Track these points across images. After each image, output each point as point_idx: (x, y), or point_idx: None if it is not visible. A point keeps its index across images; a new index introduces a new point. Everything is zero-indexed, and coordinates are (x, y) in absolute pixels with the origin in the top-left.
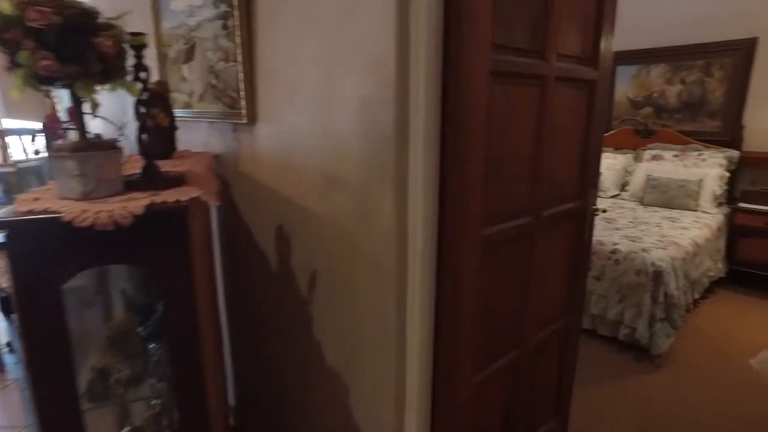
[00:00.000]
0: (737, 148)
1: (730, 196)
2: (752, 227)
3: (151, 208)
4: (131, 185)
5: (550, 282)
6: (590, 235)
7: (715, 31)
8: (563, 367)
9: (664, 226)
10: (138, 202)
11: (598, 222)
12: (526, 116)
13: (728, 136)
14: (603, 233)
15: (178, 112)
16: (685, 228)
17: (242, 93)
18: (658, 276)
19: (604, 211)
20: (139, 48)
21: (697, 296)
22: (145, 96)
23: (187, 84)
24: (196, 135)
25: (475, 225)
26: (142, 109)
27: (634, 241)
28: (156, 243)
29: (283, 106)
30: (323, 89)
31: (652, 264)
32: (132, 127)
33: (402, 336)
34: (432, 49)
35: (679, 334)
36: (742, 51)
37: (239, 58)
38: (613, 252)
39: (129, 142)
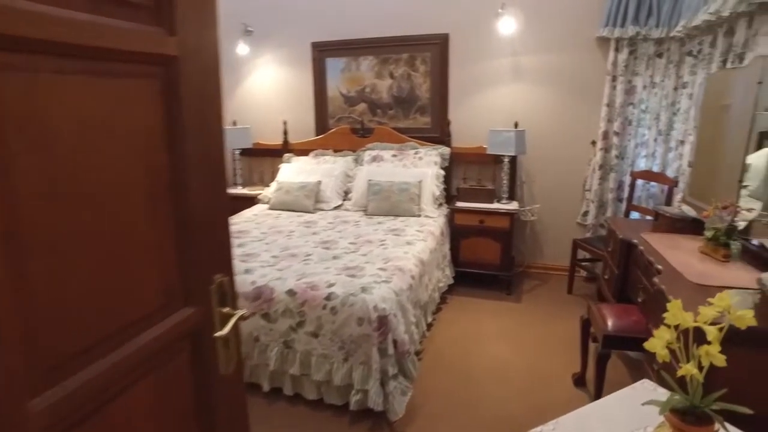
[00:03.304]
0: (447, 144)
1: (448, 195)
2: (469, 227)
3: None
4: None
5: None
6: (238, 361)
7: (416, 25)
8: None
9: (389, 243)
10: None
11: (314, 250)
12: None
13: (438, 132)
14: (317, 268)
15: None
16: (409, 243)
17: None
18: (383, 322)
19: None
20: None
21: (430, 319)
22: None
23: None
24: None
25: None
26: None
27: (353, 276)
28: None
29: None
30: None
31: (375, 308)
32: None
33: None
34: None
35: (416, 382)
36: (439, 45)
37: None
38: (329, 297)
39: None
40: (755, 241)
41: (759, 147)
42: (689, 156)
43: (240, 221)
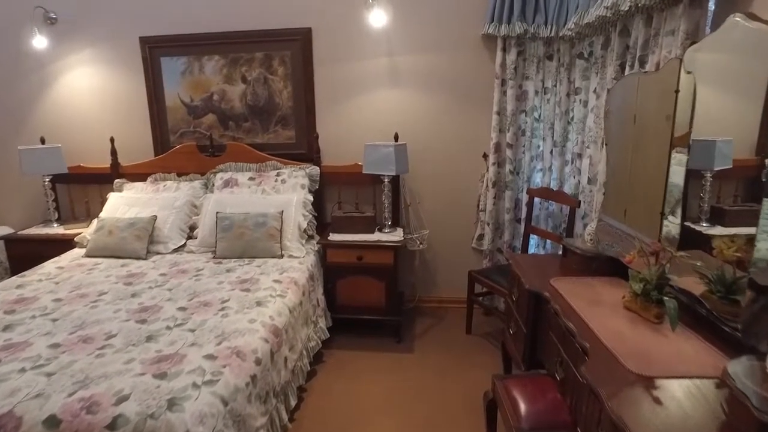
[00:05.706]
0: (317, 162)
1: (320, 224)
2: (346, 265)
3: None
4: None
5: None
6: None
7: (271, 16)
8: None
9: (233, 305)
10: None
11: (123, 326)
12: None
13: (305, 147)
14: (113, 364)
15: None
16: (260, 303)
17: None
18: None
19: None
20: None
21: (294, 402)
22: None
23: None
24: None
25: None
26: None
27: (163, 376)
28: None
29: None
30: None
31: None
32: None
33: None
34: None
35: None
36: (300, 42)
37: None
38: (114, 425)
39: None
40: (675, 286)
41: None
42: (588, 172)
43: (29, 281)
